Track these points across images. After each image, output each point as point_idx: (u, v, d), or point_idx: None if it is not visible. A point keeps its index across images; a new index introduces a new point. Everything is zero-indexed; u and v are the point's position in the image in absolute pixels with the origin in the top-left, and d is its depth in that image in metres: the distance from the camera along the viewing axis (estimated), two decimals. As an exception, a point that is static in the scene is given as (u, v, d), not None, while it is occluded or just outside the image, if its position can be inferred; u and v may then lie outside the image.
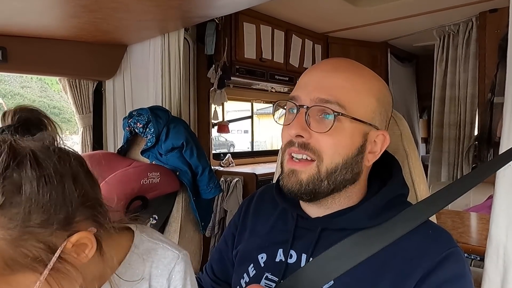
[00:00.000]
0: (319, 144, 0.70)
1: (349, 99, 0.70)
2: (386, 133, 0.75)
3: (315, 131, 0.70)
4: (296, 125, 0.70)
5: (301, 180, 0.71)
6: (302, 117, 0.70)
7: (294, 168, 0.72)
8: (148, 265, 0.66)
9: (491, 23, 2.67)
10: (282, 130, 0.77)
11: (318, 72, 0.74)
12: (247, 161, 3.44)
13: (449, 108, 3.07)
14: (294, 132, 0.70)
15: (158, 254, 0.67)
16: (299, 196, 0.73)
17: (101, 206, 0.61)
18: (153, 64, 2.06)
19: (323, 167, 0.70)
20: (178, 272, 0.67)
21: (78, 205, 0.56)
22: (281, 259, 0.78)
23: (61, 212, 0.53)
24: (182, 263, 0.67)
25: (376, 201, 0.73)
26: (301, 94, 0.72)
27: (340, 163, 0.71)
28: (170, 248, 0.68)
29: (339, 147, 0.70)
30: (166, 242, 0.70)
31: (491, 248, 0.87)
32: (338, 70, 0.73)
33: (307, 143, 0.70)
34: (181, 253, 0.68)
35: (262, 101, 3.75)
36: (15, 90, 11.15)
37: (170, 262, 0.67)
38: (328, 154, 0.70)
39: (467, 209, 2.27)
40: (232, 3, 1.57)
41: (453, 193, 0.75)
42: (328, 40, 3.29)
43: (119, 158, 1.85)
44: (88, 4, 1.42)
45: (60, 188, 0.53)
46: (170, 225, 1.74)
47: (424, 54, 3.88)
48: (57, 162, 0.54)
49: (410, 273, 0.67)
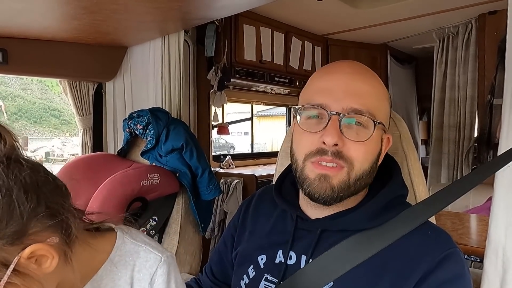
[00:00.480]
0: (351, 152, 0.69)
1: (375, 105, 0.71)
2: (391, 136, 0.77)
3: (352, 139, 0.69)
4: (334, 134, 0.68)
5: (332, 185, 0.70)
6: (336, 125, 0.68)
7: (325, 173, 0.70)
8: (130, 268, 0.64)
9: (491, 25, 2.68)
10: (302, 137, 0.73)
11: (341, 76, 0.72)
12: (247, 163, 3.44)
13: (449, 110, 3.08)
14: (332, 141, 0.68)
15: (141, 257, 0.65)
16: (328, 202, 0.72)
17: (66, 212, 0.59)
18: (153, 65, 2.06)
19: (353, 173, 0.70)
20: (160, 275, 0.65)
21: (31, 216, 0.54)
22: (281, 260, 0.78)
23: (10, 226, 0.52)
24: (165, 266, 0.65)
25: (375, 203, 0.73)
26: (330, 101, 0.70)
27: (367, 169, 0.71)
28: (153, 251, 0.66)
29: (369, 154, 0.71)
30: (149, 244, 0.68)
31: (490, 249, 0.87)
32: (361, 74, 0.73)
33: (340, 151, 0.69)
34: (164, 255, 0.66)
35: (262, 103, 3.75)
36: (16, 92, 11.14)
37: (152, 265, 0.65)
38: (359, 162, 0.70)
39: (467, 211, 2.27)
40: (232, 5, 1.57)
41: (452, 194, 0.75)
42: (328, 42, 3.30)
43: (119, 160, 1.85)
44: (88, 5, 1.42)
45: (6, 201, 0.52)
46: (170, 226, 1.74)
47: (423, 56, 3.88)
48: (4, 175, 0.53)
49: (410, 273, 0.67)
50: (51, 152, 16.91)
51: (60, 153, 16.86)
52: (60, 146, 17.33)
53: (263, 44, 2.73)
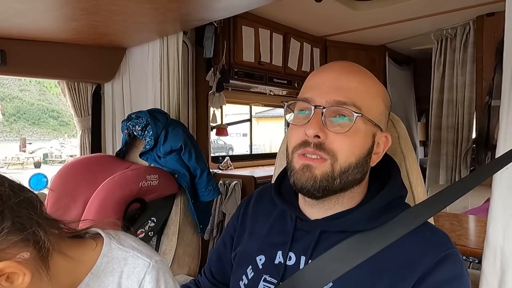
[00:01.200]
0: (334, 145, 0.70)
1: (363, 100, 0.71)
2: (389, 135, 0.77)
3: (333, 131, 0.70)
4: (315, 125, 0.69)
5: (315, 176, 0.71)
6: (318, 117, 0.70)
7: (308, 163, 0.71)
8: (118, 275, 0.63)
9: (488, 27, 2.69)
10: (292, 130, 0.76)
11: (330, 73, 0.74)
12: (246, 164, 3.44)
13: (447, 111, 3.09)
14: (313, 132, 0.69)
15: (128, 263, 0.64)
16: (311, 193, 0.72)
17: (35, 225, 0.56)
18: (152, 67, 2.07)
19: (337, 166, 0.70)
20: (149, 282, 0.63)
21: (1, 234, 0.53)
22: (280, 261, 0.78)
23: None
24: (153, 272, 0.64)
25: (374, 204, 0.73)
26: (315, 95, 0.72)
27: (353, 163, 0.71)
28: (141, 256, 0.65)
29: (354, 147, 0.71)
30: (137, 249, 0.66)
31: (488, 250, 0.87)
32: (350, 72, 0.74)
33: (322, 143, 0.70)
34: (152, 260, 0.65)
35: (261, 104, 3.76)
36: (14, 93, 11.13)
37: (140, 271, 0.63)
38: (343, 154, 0.70)
39: (465, 212, 2.27)
40: (230, 6, 1.57)
41: (450, 195, 0.75)
42: (327, 44, 3.31)
43: (118, 161, 1.85)
44: (87, 7, 1.42)
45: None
46: (168, 227, 1.74)
47: (422, 57, 3.90)
48: None
49: (408, 274, 0.67)
50: (50, 153, 16.89)
51: (59, 154, 16.84)
52: (59, 147, 17.31)
53: (261, 46, 2.73)
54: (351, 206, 0.76)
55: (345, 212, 0.75)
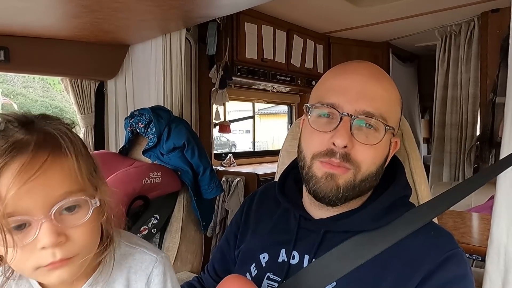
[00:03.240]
0: (359, 155, 0.69)
1: (388, 110, 0.70)
2: (399, 140, 0.77)
3: (361, 142, 0.68)
4: (345, 135, 0.67)
5: (338, 185, 0.70)
6: (347, 126, 0.68)
7: (332, 171, 0.69)
8: (126, 270, 0.64)
9: (493, 23, 2.66)
10: (312, 135, 0.72)
11: (357, 77, 0.72)
12: (249, 161, 3.44)
13: (451, 108, 3.07)
14: (342, 142, 0.67)
15: (136, 258, 0.66)
16: (333, 202, 0.71)
17: None
18: (155, 64, 2.06)
19: (359, 175, 0.70)
20: (156, 275, 0.65)
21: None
22: (284, 259, 0.78)
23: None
24: (161, 266, 0.66)
25: (379, 204, 0.73)
26: (342, 101, 0.69)
27: (374, 172, 0.71)
28: (148, 252, 0.67)
29: (377, 158, 0.71)
30: (144, 246, 0.68)
31: (492, 248, 0.87)
32: (376, 78, 0.72)
33: (348, 154, 0.68)
34: (159, 256, 0.67)
35: (264, 101, 3.75)
36: (18, 90, 11.18)
37: (148, 266, 0.65)
38: (366, 165, 0.70)
39: (469, 210, 2.27)
40: (233, 3, 1.57)
41: (455, 196, 0.75)
42: (330, 40, 3.29)
43: (121, 158, 1.85)
44: (89, 4, 1.42)
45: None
46: (171, 225, 1.74)
47: (426, 54, 3.87)
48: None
49: (412, 274, 0.67)
50: (53, 150, 16.94)
51: (62, 151, 16.89)
52: (62, 144, 17.37)
53: (264, 42, 2.72)
54: (356, 206, 0.76)
55: (349, 212, 0.75)
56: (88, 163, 0.58)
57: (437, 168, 3.15)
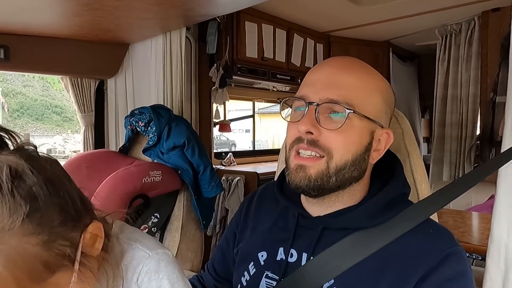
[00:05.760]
0: (328, 141, 0.70)
1: (357, 97, 0.70)
2: (391, 132, 0.75)
3: (325, 128, 0.70)
4: (307, 122, 0.69)
5: (309, 175, 0.71)
6: (312, 114, 0.70)
7: (302, 163, 0.71)
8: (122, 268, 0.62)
9: (494, 22, 2.66)
10: (289, 127, 0.77)
11: (326, 69, 0.74)
12: (249, 160, 3.45)
13: (451, 107, 3.07)
14: (304, 128, 0.69)
15: (129, 256, 0.63)
16: (306, 192, 0.73)
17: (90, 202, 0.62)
18: (155, 62, 2.06)
19: (333, 163, 0.70)
20: (145, 273, 0.61)
21: (78, 201, 0.58)
22: (282, 257, 0.78)
23: (72, 208, 0.56)
24: (152, 263, 0.62)
25: (377, 201, 0.73)
26: (310, 92, 0.72)
27: (350, 160, 0.71)
28: (142, 248, 0.63)
29: (349, 144, 0.71)
30: (141, 242, 0.65)
31: (493, 246, 0.87)
32: (347, 68, 0.73)
33: (316, 140, 0.70)
34: (153, 252, 0.63)
35: (264, 100, 3.75)
36: (17, 89, 11.18)
37: (138, 264, 0.62)
38: (338, 151, 0.70)
39: (469, 209, 2.27)
40: (234, 1, 1.57)
41: (453, 192, 0.75)
42: (330, 39, 3.29)
43: (121, 157, 1.85)
44: (90, 2, 1.42)
45: (63, 186, 0.56)
46: (171, 223, 1.75)
47: (426, 53, 3.87)
48: (48, 165, 0.56)
49: (411, 272, 0.67)
50: (53, 149, 16.95)
51: (62, 150, 16.90)
52: (62, 143, 17.37)
53: (265, 41, 2.72)
54: (352, 203, 0.76)
55: (347, 209, 0.75)
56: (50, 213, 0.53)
57: (437, 167, 3.16)
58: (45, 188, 0.52)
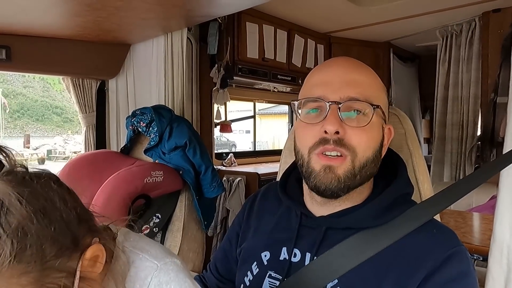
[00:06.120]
0: (353, 140, 0.70)
1: (373, 93, 0.72)
2: (391, 127, 0.78)
3: (352, 126, 0.69)
4: (334, 121, 0.68)
5: (338, 176, 0.70)
6: (336, 113, 0.69)
7: (330, 163, 0.70)
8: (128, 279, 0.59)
9: (494, 23, 2.67)
10: (305, 130, 0.73)
11: (337, 68, 0.74)
12: (249, 161, 3.45)
13: (452, 108, 3.07)
14: (333, 128, 0.68)
15: (135, 266, 0.60)
16: (336, 193, 0.71)
17: (90, 214, 0.60)
18: (156, 63, 2.07)
19: (357, 162, 0.70)
20: (155, 286, 0.59)
21: (76, 223, 0.55)
22: (285, 257, 0.78)
23: (67, 235, 0.52)
24: (161, 274, 0.60)
25: (381, 201, 0.73)
26: (328, 92, 0.71)
27: (370, 156, 0.71)
28: (149, 259, 0.61)
29: (370, 141, 0.71)
30: (148, 251, 0.62)
31: (495, 246, 0.87)
32: (355, 67, 0.74)
33: (342, 139, 0.69)
34: (161, 262, 0.61)
35: (265, 101, 3.75)
36: (18, 90, 11.20)
37: (146, 276, 0.59)
38: (361, 149, 0.70)
39: (470, 209, 2.27)
40: (235, 2, 1.57)
41: (457, 192, 0.75)
42: (331, 40, 3.29)
43: (122, 157, 1.85)
44: (91, 3, 1.42)
45: (58, 213, 0.52)
46: (173, 224, 1.75)
47: (426, 54, 3.87)
48: (41, 189, 0.52)
49: (415, 272, 0.67)
50: (53, 149, 16.96)
51: (62, 150, 16.90)
52: (62, 144, 17.37)
53: (265, 42, 2.72)
54: (358, 203, 0.76)
55: (351, 209, 0.75)
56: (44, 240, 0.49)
57: (438, 168, 3.15)
58: (36, 221, 0.48)
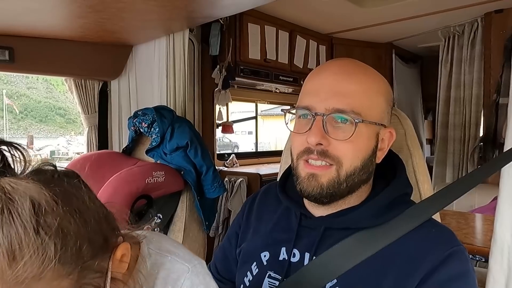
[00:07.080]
0: (338, 151, 0.70)
1: (363, 103, 0.71)
2: (393, 129, 0.76)
3: (335, 138, 0.70)
4: (316, 133, 0.69)
5: (321, 183, 0.71)
6: (319, 124, 0.70)
7: (313, 172, 0.72)
8: (159, 282, 0.59)
9: (497, 24, 2.66)
10: (294, 137, 0.76)
11: (328, 76, 0.73)
12: (251, 162, 3.45)
13: (454, 109, 3.06)
14: (315, 140, 0.69)
15: (166, 268, 0.60)
16: (319, 200, 0.73)
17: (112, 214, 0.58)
18: (158, 64, 2.07)
19: (343, 171, 0.71)
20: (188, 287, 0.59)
21: (105, 222, 0.54)
22: (284, 257, 0.79)
23: (100, 235, 0.52)
24: (193, 277, 0.60)
25: (379, 201, 0.73)
26: (314, 101, 0.71)
27: (359, 165, 0.72)
28: (179, 261, 0.62)
29: (358, 151, 0.71)
30: (175, 254, 0.63)
31: (496, 247, 0.87)
32: (348, 74, 0.73)
33: (326, 150, 0.70)
34: (191, 264, 0.62)
35: (267, 101, 3.75)
36: (21, 91, 11.26)
37: (179, 277, 0.60)
38: (347, 159, 0.70)
39: (472, 211, 2.26)
40: (236, 3, 1.57)
41: (456, 191, 0.75)
42: (333, 41, 3.29)
43: (124, 158, 1.86)
44: (94, 4, 1.43)
45: (90, 212, 0.51)
46: (174, 224, 1.75)
47: (429, 55, 3.87)
48: (72, 188, 0.51)
49: (413, 271, 0.67)
50: (57, 150, 17.03)
51: (65, 151, 16.96)
52: (65, 144, 17.44)
53: (267, 43, 2.73)
54: (356, 203, 0.76)
55: (349, 209, 0.75)
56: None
57: (440, 169, 3.14)
58: (73, 221, 0.47)
